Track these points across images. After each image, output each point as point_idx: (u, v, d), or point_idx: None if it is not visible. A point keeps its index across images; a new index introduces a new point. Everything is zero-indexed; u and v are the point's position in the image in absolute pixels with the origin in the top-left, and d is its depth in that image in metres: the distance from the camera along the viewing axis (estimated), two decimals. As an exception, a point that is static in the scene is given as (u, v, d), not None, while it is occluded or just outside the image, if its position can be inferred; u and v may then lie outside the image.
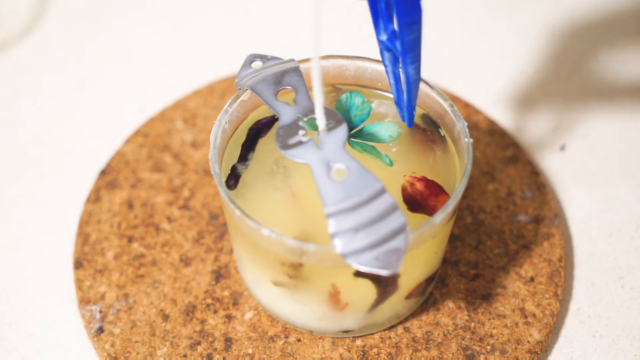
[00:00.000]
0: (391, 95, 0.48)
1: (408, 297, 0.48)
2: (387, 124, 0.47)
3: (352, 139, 0.46)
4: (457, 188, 0.43)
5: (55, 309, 0.52)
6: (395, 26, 0.42)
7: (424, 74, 0.49)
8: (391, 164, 0.45)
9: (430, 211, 0.44)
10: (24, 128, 0.63)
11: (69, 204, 0.57)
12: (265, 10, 0.72)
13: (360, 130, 0.46)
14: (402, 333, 0.50)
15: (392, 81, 0.46)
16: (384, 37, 0.44)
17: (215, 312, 0.51)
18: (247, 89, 0.47)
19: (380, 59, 0.46)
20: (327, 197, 0.39)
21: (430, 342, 0.49)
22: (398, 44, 0.42)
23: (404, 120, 0.47)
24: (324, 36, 0.38)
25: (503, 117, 0.63)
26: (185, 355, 0.49)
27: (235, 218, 0.43)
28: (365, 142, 0.46)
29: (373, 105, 0.48)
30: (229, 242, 0.54)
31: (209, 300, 0.51)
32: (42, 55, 0.68)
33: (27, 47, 0.69)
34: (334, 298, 0.45)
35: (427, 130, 0.48)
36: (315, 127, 0.43)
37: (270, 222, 0.43)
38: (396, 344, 0.49)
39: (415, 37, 0.41)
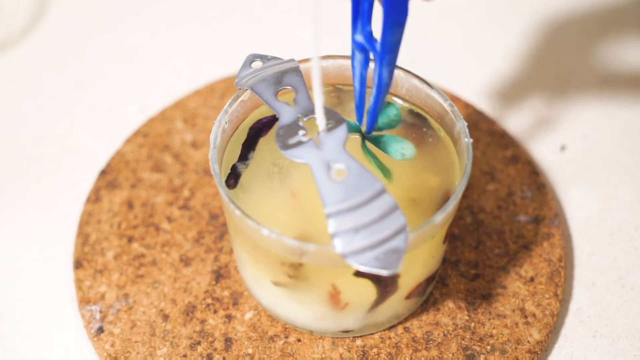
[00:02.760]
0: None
1: (408, 297, 0.48)
2: (406, 143, 0.47)
3: (367, 141, 0.47)
4: (457, 188, 0.43)
5: (55, 309, 0.52)
6: (372, 27, 0.42)
7: (424, 73, 0.50)
8: (390, 179, 0.45)
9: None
10: (24, 128, 0.63)
11: (69, 204, 0.57)
12: (265, 10, 0.72)
13: (380, 137, 0.47)
14: (402, 333, 0.50)
15: (357, 85, 0.46)
16: (359, 38, 0.44)
17: (215, 312, 0.51)
18: (247, 89, 0.47)
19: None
20: (327, 197, 0.39)
21: (430, 342, 0.49)
22: (378, 45, 0.42)
23: (359, 124, 0.47)
24: (324, 36, 0.38)
25: (503, 117, 0.63)
26: (185, 355, 0.49)
27: (235, 218, 0.43)
28: (373, 152, 0.46)
29: (403, 122, 0.48)
30: (229, 242, 0.54)
31: (209, 300, 0.51)
32: (42, 55, 0.68)
33: (27, 47, 0.69)
34: (334, 298, 0.45)
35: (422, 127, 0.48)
36: (315, 127, 0.43)
37: (270, 222, 0.43)
38: (396, 344, 0.49)
39: (397, 39, 0.41)
